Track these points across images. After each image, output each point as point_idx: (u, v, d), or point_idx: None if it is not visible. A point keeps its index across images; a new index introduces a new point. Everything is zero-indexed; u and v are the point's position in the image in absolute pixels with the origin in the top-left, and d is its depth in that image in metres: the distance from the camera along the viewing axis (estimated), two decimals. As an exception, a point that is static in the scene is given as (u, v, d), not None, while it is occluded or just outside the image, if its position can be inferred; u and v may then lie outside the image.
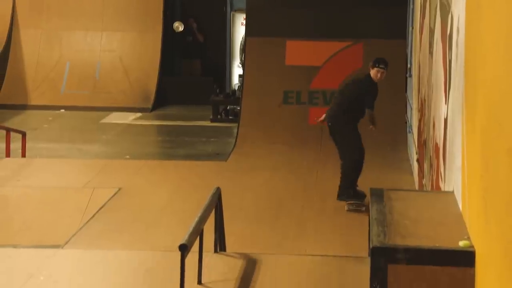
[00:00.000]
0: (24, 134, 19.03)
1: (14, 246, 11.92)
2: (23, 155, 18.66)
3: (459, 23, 10.11)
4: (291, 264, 10.70)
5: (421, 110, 15.25)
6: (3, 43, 27.28)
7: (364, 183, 13.52)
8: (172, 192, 15.33)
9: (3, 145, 18.35)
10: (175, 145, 21.63)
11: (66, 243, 12.28)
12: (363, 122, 15.44)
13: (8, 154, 18.29)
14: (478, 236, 7.96)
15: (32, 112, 25.28)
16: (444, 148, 11.32)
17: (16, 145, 18.69)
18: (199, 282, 9.69)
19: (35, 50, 27.13)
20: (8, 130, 18.89)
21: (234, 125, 21.90)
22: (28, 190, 15.57)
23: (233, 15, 27.81)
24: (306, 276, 10.30)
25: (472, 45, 8.86)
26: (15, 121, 22.91)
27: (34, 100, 26.42)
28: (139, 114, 25.48)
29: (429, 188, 13.09)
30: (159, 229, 12.72)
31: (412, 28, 19.20)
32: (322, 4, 20.97)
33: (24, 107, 25.88)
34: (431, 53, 13.80)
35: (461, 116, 9.59)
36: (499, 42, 6.76)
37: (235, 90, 25.59)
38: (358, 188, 13.91)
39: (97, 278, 10.33)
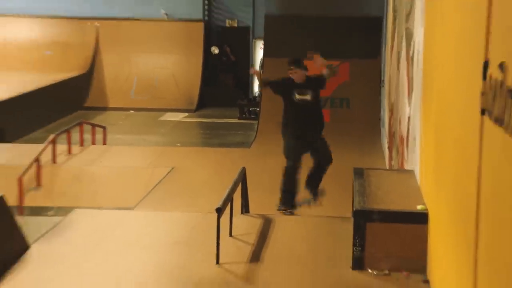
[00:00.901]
0: (104, 128, 19.35)
1: (99, 208, 12.24)
2: (104, 143, 18.89)
3: (419, 47, 9.97)
4: (296, 222, 10.68)
5: (391, 111, 15.05)
6: (90, 63, 27.22)
7: (348, 165, 12.92)
8: (211, 170, 15.36)
9: (90, 136, 18.52)
10: (211, 136, 21.63)
11: (136, 206, 12.62)
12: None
13: (93, 143, 18.61)
14: (430, 202, 8.21)
15: (110, 113, 25.12)
16: (407, 138, 11.21)
17: (99, 136, 18.92)
18: (230, 235, 9.69)
19: (112, 68, 26.84)
20: (93, 125, 19.14)
21: (255, 122, 21.92)
22: (108, 168, 15.88)
23: (255, 42, 27.42)
24: (307, 230, 10.15)
25: (427, 64, 8.94)
26: (98, 119, 22.93)
27: (111, 104, 26.14)
28: (186, 114, 25.36)
29: (396, 166, 12.90)
30: (202, 197, 12.74)
31: (385, 50, 18.63)
32: (320, 33, 20.76)
33: (104, 108, 25.77)
34: (398, 68, 13.59)
35: (419, 115, 9.57)
36: (445, 63, 7.11)
37: (255, 96, 25.76)
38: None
39: (158, 231, 10.26)
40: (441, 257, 7.16)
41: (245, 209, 11.16)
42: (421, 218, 8.26)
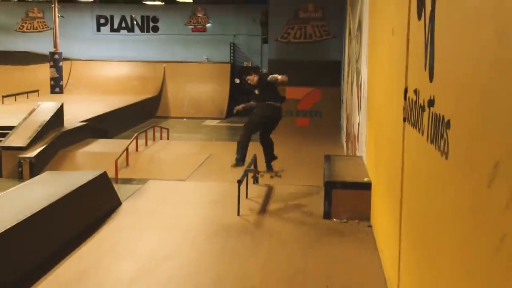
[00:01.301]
0: (168, 129, 19.33)
1: (160, 179, 12.16)
2: (168, 139, 18.80)
3: (364, 79, 9.87)
4: (289, 189, 10.55)
5: (347, 119, 14.94)
6: (159, 89, 27.52)
7: (320, 153, 12.94)
8: (233, 155, 13.69)
9: (159, 134, 18.38)
10: (235, 135, 20.10)
11: (187, 178, 12.57)
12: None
13: (161, 139, 18.43)
14: (372, 176, 8.20)
15: (171, 120, 25.06)
16: (358, 136, 11.11)
17: (164, 134, 18.81)
18: (246, 197, 9.63)
19: (172, 92, 27.27)
20: (161, 128, 19.07)
21: None
22: (169, 154, 15.71)
23: None
24: (295, 194, 10.08)
25: (370, 89, 8.88)
26: (164, 123, 22.65)
27: (172, 114, 26.38)
28: (218, 120, 25.28)
29: (351, 154, 12.84)
30: (229, 173, 11.89)
31: (343, 81, 18.44)
32: (302, 70, 20.75)
33: (167, 117, 25.88)
34: (351, 93, 13.43)
35: (365, 122, 9.46)
36: (380, 89, 7.12)
37: None
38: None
39: (200, 194, 10.25)
40: (379, 210, 7.20)
41: (256, 180, 11.09)
42: (367, 186, 8.27)
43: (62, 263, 6.67)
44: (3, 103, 22.98)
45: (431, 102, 3.69)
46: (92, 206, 8.56)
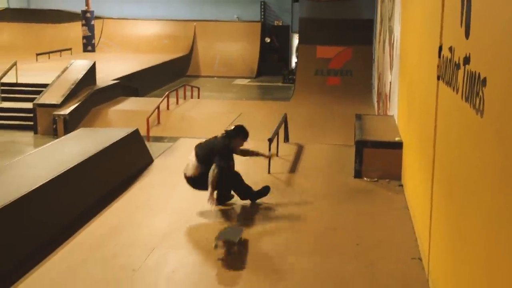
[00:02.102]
0: (198, 88, 19.32)
1: (191, 137, 11.84)
2: (198, 98, 18.89)
3: (397, 37, 9.81)
4: (319, 147, 10.64)
5: (379, 78, 14.83)
6: (190, 48, 27.49)
7: (351, 112, 12.88)
8: (265, 114, 15.18)
9: (189, 93, 18.42)
10: (265, 94, 21.36)
11: (217, 137, 12.96)
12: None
13: (191, 97, 18.52)
14: (403, 135, 8.18)
15: (202, 79, 24.98)
16: (389, 95, 11.05)
17: (195, 93, 18.86)
18: (277, 155, 9.65)
19: (203, 51, 27.25)
20: (192, 86, 19.10)
21: (292, 85, 21.56)
22: (200, 113, 15.81)
23: (292, 35, 27.65)
24: (326, 153, 10.14)
25: (403, 48, 8.83)
26: (195, 82, 22.87)
27: (202, 73, 26.42)
28: (249, 80, 25.22)
29: (382, 113, 12.78)
30: (260, 131, 11.75)
31: (375, 40, 18.34)
32: (334, 29, 20.53)
33: (198, 76, 25.87)
34: (383, 51, 13.38)
35: (397, 81, 9.41)
36: (414, 47, 7.06)
37: (293, 68, 25.32)
38: None
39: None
40: (411, 169, 7.16)
41: (286, 139, 11.14)
42: (398, 145, 8.23)
43: (96, 218, 6.82)
44: (36, 61, 23.25)
45: (466, 60, 3.65)
46: (125, 163, 8.68)
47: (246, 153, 7.56)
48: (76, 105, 15.52)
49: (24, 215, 5.92)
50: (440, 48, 4.76)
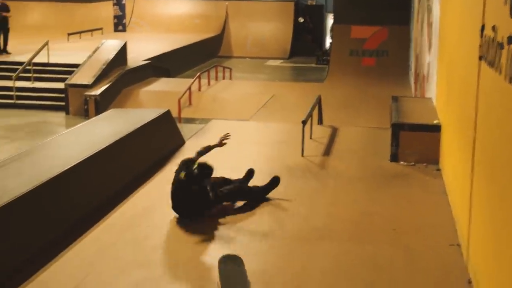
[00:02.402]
0: (230, 69, 19.22)
1: (223, 119, 12.24)
2: (230, 79, 18.79)
3: (436, 16, 9.76)
4: (354, 130, 10.63)
5: (416, 59, 14.68)
6: (222, 28, 27.45)
7: (386, 94, 12.77)
8: (298, 96, 15.09)
9: (221, 74, 18.34)
10: (298, 75, 21.21)
11: (250, 118, 12.73)
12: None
13: (223, 78, 18.40)
14: (442, 118, 8.15)
15: (234, 59, 24.86)
16: (427, 76, 10.97)
17: (227, 74, 18.78)
18: (310, 138, 9.70)
19: (235, 31, 27.22)
20: (223, 67, 19.01)
21: (326, 66, 21.30)
22: (232, 94, 15.82)
23: (326, 14, 27.39)
24: (360, 135, 10.13)
25: (442, 27, 8.77)
26: (226, 63, 22.57)
27: (235, 54, 26.27)
28: (281, 60, 24.99)
29: (419, 95, 12.65)
30: (292, 113, 12.43)
31: (412, 20, 18.10)
32: (369, 8, 20.24)
33: (230, 57, 25.72)
34: (421, 31, 13.20)
35: (436, 61, 9.35)
36: (453, 27, 7.03)
37: (327, 49, 24.98)
38: None
39: (264, 134, 10.33)
40: (449, 153, 7.10)
41: (320, 121, 11.12)
42: (436, 128, 8.18)
43: (128, 199, 6.91)
44: (68, 40, 23.48)
45: (511, 39, 3.59)
46: (156, 144, 8.75)
47: (202, 153, 6.85)
48: (107, 85, 15.66)
49: (56, 196, 6.02)
50: (483, 28, 4.71)
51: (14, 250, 5.20)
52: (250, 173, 7.24)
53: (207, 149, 6.91)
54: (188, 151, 9.13)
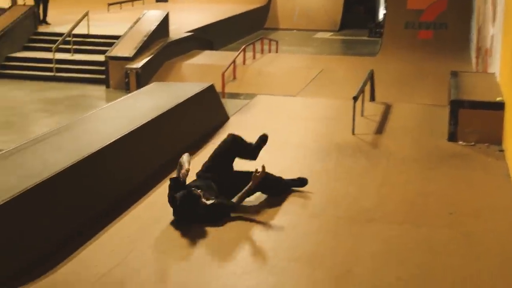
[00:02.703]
0: (277, 42, 19.26)
1: (269, 94, 12.27)
2: (276, 52, 18.85)
3: None
4: (409, 107, 10.57)
5: (478, 31, 14.53)
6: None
7: (445, 69, 12.48)
8: (348, 71, 15.01)
9: (267, 47, 18.43)
10: (349, 48, 21.11)
11: (297, 94, 12.80)
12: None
13: (269, 51, 18.44)
14: (506, 95, 8.04)
15: (280, 32, 24.96)
16: (490, 50, 10.82)
17: (273, 47, 18.84)
18: (362, 115, 9.65)
19: (286, 1, 27.15)
20: (269, 40, 19.06)
21: (379, 39, 21.14)
22: (279, 68, 15.83)
23: None
24: (416, 113, 10.06)
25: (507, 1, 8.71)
26: (272, 35, 22.67)
27: (281, 26, 26.32)
28: (331, 33, 24.94)
29: (481, 70, 12.53)
30: (342, 89, 12.49)
31: None
32: None
33: (276, 29, 25.80)
34: (485, 2, 13.08)
35: (500, 34, 9.21)
36: None
37: (380, 21, 24.65)
38: None
39: (312, 110, 10.35)
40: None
41: (372, 97, 11.06)
42: (499, 106, 8.02)
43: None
44: (108, 11, 23.74)
45: None
46: (199, 120, 8.79)
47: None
48: (149, 58, 15.81)
49: (97, 172, 6.11)
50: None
51: (54, 226, 5.30)
52: (263, 140, 6.66)
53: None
54: (232, 128, 9.17)
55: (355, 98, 8.96)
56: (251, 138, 8.56)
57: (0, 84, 16.02)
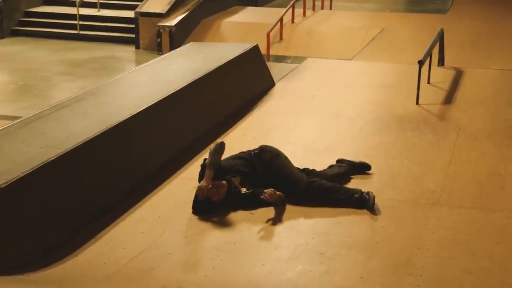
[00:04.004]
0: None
1: (323, 58, 12.23)
2: (330, 9, 18.73)
3: None
4: (483, 73, 10.55)
5: None
6: None
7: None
8: (413, 31, 14.88)
9: (319, 3, 18.27)
10: (414, 5, 20.71)
11: (353, 57, 12.71)
12: None
13: (322, 8, 18.36)
14: None
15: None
16: None
17: (326, 3, 18.65)
18: (428, 82, 9.63)
19: None
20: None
21: None
22: (332, 27, 15.78)
23: None
24: (490, 80, 10.07)
25: None
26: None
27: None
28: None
29: None
30: (405, 52, 12.58)
31: None
32: None
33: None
34: None
35: None
36: None
37: None
38: None
39: (369, 76, 10.36)
40: None
41: (441, 62, 10.96)
42: None
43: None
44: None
45: None
46: (242, 85, 8.85)
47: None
48: (184, 15, 15.85)
49: (126, 142, 6.20)
50: None
51: (78, 203, 5.40)
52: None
53: None
54: (278, 95, 9.24)
55: (421, 62, 8.91)
56: (300, 107, 8.65)
57: (17, 43, 16.31)
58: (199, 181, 5.74)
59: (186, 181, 6.23)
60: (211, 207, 5.61)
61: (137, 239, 5.19)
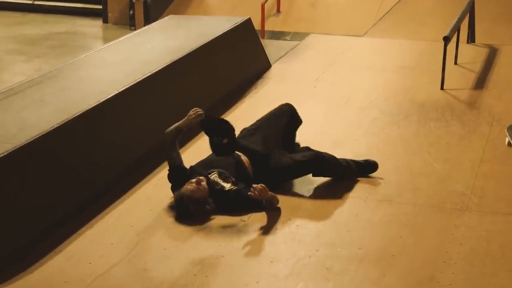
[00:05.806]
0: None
1: (328, 34, 12.22)
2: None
3: None
4: None
5: None
6: None
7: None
8: (436, 1, 14.47)
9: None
10: None
11: (365, 34, 12.58)
12: None
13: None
14: None
15: None
16: None
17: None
18: (455, 63, 9.68)
19: None
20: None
21: None
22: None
23: None
24: None
25: None
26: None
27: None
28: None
29: None
30: (427, 27, 12.48)
31: None
32: None
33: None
34: None
35: None
36: None
37: None
38: None
39: (385, 56, 10.42)
40: None
41: (471, 38, 10.98)
42: None
43: (194, 142, 7.04)
44: None
45: None
46: (232, 67, 8.85)
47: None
48: (162, -18, 15.79)
49: (92, 136, 6.15)
50: None
51: (31, 211, 5.32)
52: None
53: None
54: (274, 78, 9.25)
55: (447, 39, 8.89)
56: (300, 92, 8.63)
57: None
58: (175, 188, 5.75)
59: (165, 183, 6.14)
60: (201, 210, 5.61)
61: (105, 252, 5.17)
